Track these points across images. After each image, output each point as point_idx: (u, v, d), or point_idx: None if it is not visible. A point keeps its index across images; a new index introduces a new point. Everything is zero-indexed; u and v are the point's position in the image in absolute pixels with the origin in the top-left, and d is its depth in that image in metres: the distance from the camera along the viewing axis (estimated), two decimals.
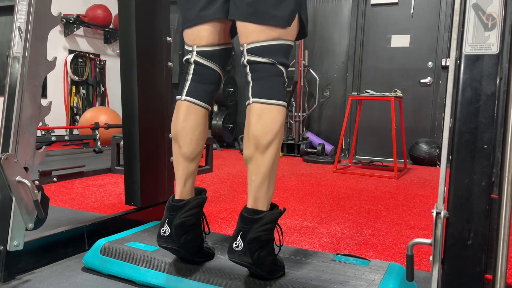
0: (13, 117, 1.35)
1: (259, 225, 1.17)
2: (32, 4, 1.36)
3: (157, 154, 1.99)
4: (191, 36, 1.33)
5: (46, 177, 2.99)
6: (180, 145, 1.32)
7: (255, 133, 1.19)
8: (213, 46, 1.33)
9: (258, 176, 1.20)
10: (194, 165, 1.34)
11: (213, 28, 1.31)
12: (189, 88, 1.33)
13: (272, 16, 1.20)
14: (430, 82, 5.02)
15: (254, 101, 1.21)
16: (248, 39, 1.23)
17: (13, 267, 1.40)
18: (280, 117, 1.21)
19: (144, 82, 1.90)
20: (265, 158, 1.20)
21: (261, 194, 1.20)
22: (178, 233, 1.26)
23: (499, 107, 0.97)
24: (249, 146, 1.20)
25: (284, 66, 1.24)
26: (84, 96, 5.89)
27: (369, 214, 2.45)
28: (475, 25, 0.98)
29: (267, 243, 1.19)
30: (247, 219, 1.18)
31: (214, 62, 1.34)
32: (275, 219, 1.21)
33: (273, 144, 1.20)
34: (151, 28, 1.92)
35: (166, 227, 1.27)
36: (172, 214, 1.27)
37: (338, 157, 4.07)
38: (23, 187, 1.36)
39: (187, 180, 1.33)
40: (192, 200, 1.31)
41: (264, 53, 1.21)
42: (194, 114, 1.32)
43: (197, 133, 1.32)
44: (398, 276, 1.29)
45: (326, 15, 5.50)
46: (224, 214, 2.33)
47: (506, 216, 0.98)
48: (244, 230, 1.17)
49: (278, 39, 1.22)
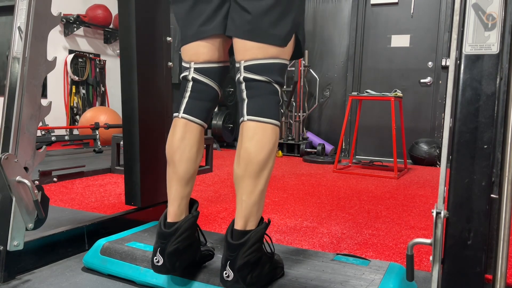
0: (13, 117, 1.35)
1: (246, 249, 1.14)
2: (32, 4, 1.36)
3: (157, 154, 1.99)
4: (190, 52, 1.31)
5: (46, 177, 2.99)
6: (176, 163, 1.28)
7: (248, 151, 1.17)
8: (211, 63, 1.31)
9: (251, 196, 1.17)
10: (189, 188, 1.30)
11: (212, 45, 1.29)
12: (186, 106, 1.31)
13: (270, 34, 1.19)
14: (430, 82, 5.02)
15: (249, 119, 1.20)
16: (245, 56, 1.22)
17: (13, 267, 1.40)
18: (274, 136, 1.20)
19: (144, 82, 1.90)
20: (259, 179, 1.17)
21: (252, 214, 1.18)
22: (172, 260, 1.23)
23: (499, 107, 0.97)
24: (241, 164, 1.18)
25: (279, 85, 1.24)
26: (84, 96, 5.89)
27: (369, 214, 2.45)
28: (475, 25, 0.98)
29: (258, 261, 1.17)
30: (232, 246, 1.15)
31: (212, 79, 1.32)
32: (261, 237, 1.18)
33: (267, 164, 1.18)
34: (151, 28, 1.92)
35: (159, 257, 1.23)
36: (163, 242, 1.23)
37: (338, 157, 4.07)
38: (23, 187, 1.36)
39: (181, 202, 1.29)
40: (182, 223, 1.25)
41: (261, 71, 1.21)
42: (191, 132, 1.29)
43: (194, 151, 1.29)
44: (398, 276, 1.29)
45: (326, 15, 5.50)
46: (224, 214, 2.33)
47: (506, 216, 0.98)
48: (231, 258, 1.14)
49: (275, 57, 1.21)
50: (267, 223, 1.21)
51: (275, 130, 1.21)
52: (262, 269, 1.19)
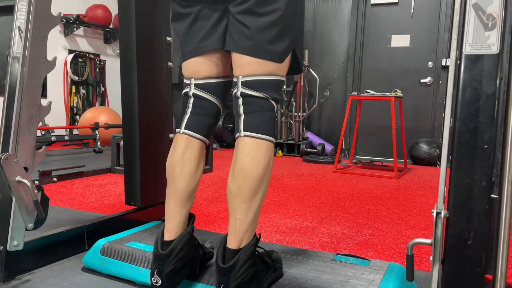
0: (13, 117, 1.35)
1: (236, 271, 1.12)
2: (32, 4, 1.36)
3: (157, 154, 1.99)
4: (189, 68, 1.32)
5: (46, 177, 2.99)
6: (175, 179, 1.27)
7: (244, 166, 1.16)
8: (212, 78, 1.31)
9: (247, 215, 1.16)
10: (188, 206, 1.29)
11: (211, 61, 1.29)
12: (188, 121, 1.31)
13: (269, 51, 1.19)
14: (430, 82, 5.02)
15: (246, 135, 1.20)
16: (243, 72, 1.22)
17: (13, 267, 1.40)
18: (269, 152, 1.20)
19: (144, 82, 1.90)
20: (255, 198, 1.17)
21: (248, 232, 1.16)
22: (171, 280, 1.22)
23: (499, 107, 0.97)
24: (236, 179, 1.17)
25: (276, 101, 1.24)
26: (84, 96, 5.89)
27: (369, 214, 2.45)
28: (475, 25, 0.98)
29: (252, 278, 1.16)
30: (222, 270, 1.13)
31: (213, 94, 1.32)
32: (251, 254, 1.16)
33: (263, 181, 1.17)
34: (151, 28, 1.92)
35: (157, 278, 1.22)
36: (160, 264, 1.22)
37: (338, 157, 4.07)
38: (23, 187, 1.36)
39: (180, 221, 1.27)
40: (177, 243, 1.23)
41: (259, 88, 1.21)
42: (192, 147, 1.29)
43: (194, 166, 1.29)
44: (398, 276, 1.29)
45: (326, 15, 5.50)
46: (224, 214, 2.33)
47: (506, 216, 0.98)
48: (224, 282, 1.13)
49: (272, 74, 1.22)
50: (257, 238, 1.20)
51: (270, 146, 1.21)
52: (259, 281, 1.18)
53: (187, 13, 1.27)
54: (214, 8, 1.24)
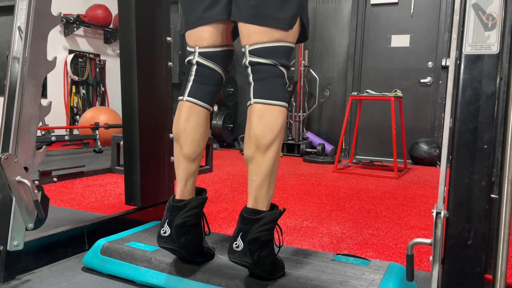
0: (13, 117, 1.35)
1: (259, 225, 1.17)
2: (32, 4, 1.36)
3: (157, 154, 1.99)
4: (193, 37, 1.34)
5: (46, 177, 2.99)
6: (181, 145, 1.32)
7: (256, 133, 1.20)
8: (215, 47, 1.34)
9: (258, 176, 1.20)
10: (195, 165, 1.34)
11: (216, 30, 1.32)
12: (191, 89, 1.34)
13: (275, 18, 1.20)
14: (430, 82, 5.02)
15: (256, 102, 1.22)
16: (250, 41, 1.23)
17: (13, 267, 1.40)
18: (281, 118, 1.22)
19: (144, 82, 1.90)
20: (265, 158, 1.20)
21: (261, 194, 1.21)
22: (179, 234, 1.26)
23: (499, 107, 0.97)
24: (250, 146, 1.21)
25: (285, 67, 1.25)
26: (84, 96, 5.89)
27: (369, 214, 2.45)
28: (475, 25, 0.98)
29: (267, 243, 1.20)
30: (247, 219, 1.19)
31: (216, 63, 1.35)
32: (275, 219, 1.21)
33: (274, 144, 1.20)
34: (151, 28, 1.92)
35: (167, 228, 1.27)
36: (172, 214, 1.27)
37: (338, 157, 4.07)
38: (23, 187, 1.36)
39: (188, 180, 1.33)
40: (192, 200, 1.30)
41: (266, 55, 1.22)
42: (196, 115, 1.32)
43: (199, 134, 1.32)
44: (398, 276, 1.29)
45: (326, 15, 5.50)
46: (224, 214, 2.33)
47: (506, 216, 0.98)
48: (244, 231, 1.17)
49: (280, 41, 1.23)
50: (281, 210, 1.24)
51: (282, 111, 1.22)
52: (268, 254, 1.20)
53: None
54: None
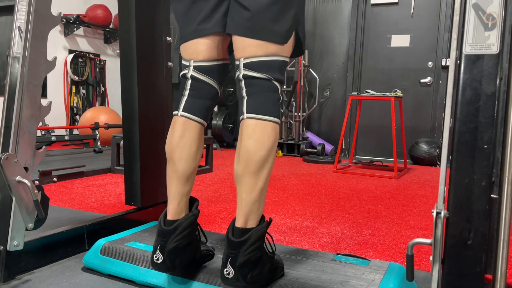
0: (13, 117, 1.35)
1: (247, 247, 1.14)
2: (32, 4, 1.36)
3: (157, 154, 1.99)
4: (189, 50, 1.31)
5: (46, 177, 2.99)
6: (175, 161, 1.28)
7: (248, 148, 1.16)
8: (211, 61, 1.31)
9: (250, 194, 1.17)
10: (189, 186, 1.30)
11: (211, 43, 1.29)
12: (185, 104, 1.31)
13: (270, 31, 1.18)
14: (430, 82, 5.02)
15: (249, 117, 1.19)
16: (245, 54, 1.21)
17: (13, 267, 1.40)
18: (273, 134, 1.19)
19: (144, 82, 1.90)
20: (258, 176, 1.17)
21: (253, 212, 1.17)
22: (172, 259, 1.22)
23: (499, 107, 0.97)
24: (241, 162, 1.17)
25: (279, 82, 1.23)
26: (84, 96, 5.89)
27: (369, 214, 2.45)
28: (475, 25, 0.98)
29: (258, 260, 1.16)
30: (233, 243, 1.15)
31: (211, 77, 1.32)
32: (262, 235, 1.18)
33: (267, 162, 1.17)
34: (151, 28, 1.92)
35: (159, 254, 1.23)
36: (163, 239, 1.23)
37: (338, 157, 4.07)
38: (23, 187, 1.36)
39: (181, 200, 1.28)
40: (182, 221, 1.25)
41: (261, 69, 1.20)
42: (190, 130, 1.29)
43: (193, 149, 1.29)
44: (398, 276, 1.29)
45: (326, 15, 5.50)
46: (224, 214, 2.33)
47: (506, 216, 0.98)
48: (232, 256, 1.14)
49: (275, 55, 1.21)
50: (268, 221, 1.21)
51: (275, 127, 1.20)
52: (262, 268, 1.18)
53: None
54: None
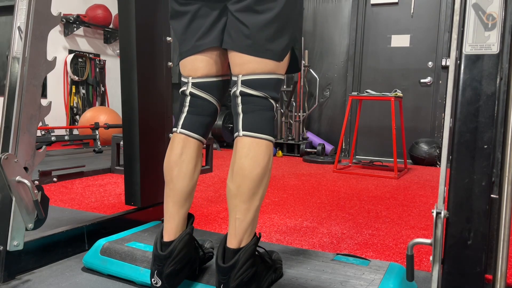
0: (13, 117, 1.35)
1: (237, 270, 1.12)
2: (32, 4, 1.36)
3: (157, 154, 1.99)
4: (187, 67, 1.31)
5: (46, 177, 2.99)
6: (173, 179, 1.26)
7: (243, 166, 1.16)
8: (209, 77, 1.30)
9: (246, 215, 1.15)
10: (186, 207, 1.28)
11: (209, 59, 1.28)
12: (184, 121, 1.30)
13: (268, 49, 1.19)
14: (430, 82, 5.02)
15: (245, 135, 1.19)
16: (243, 70, 1.21)
17: (13, 267, 1.40)
18: (268, 152, 1.19)
19: (144, 82, 1.90)
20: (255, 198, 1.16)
21: (247, 232, 1.16)
22: (171, 281, 1.22)
23: (499, 107, 0.97)
24: (236, 179, 1.16)
25: (275, 100, 1.23)
26: (84, 96, 5.89)
27: (369, 214, 2.45)
28: (475, 25, 0.98)
29: (252, 278, 1.15)
30: (223, 269, 1.13)
31: (211, 94, 1.31)
32: (252, 253, 1.15)
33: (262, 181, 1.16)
34: (151, 28, 1.92)
35: (157, 279, 1.22)
36: (160, 265, 1.21)
37: (338, 157, 4.07)
38: (23, 187, 1.36)
39: (178, 221, 1.27)
40: (177, 244, 1.23)
41: (258, 87, 1.20)
42: (189, 147, 1.28)
43: (191, 166, 1.28)
44: (398, 276, 1.29)
45: (326, 15, 5.50)
46: (224, 214, 2.33)
47: (506, 216, 0.98)
48: (224, 281, 1.13)
49: (272, 73, 1.21)
50: (257, 237, 1.19)
51: (269, 146, 1.20)
52: (259, 281, 1.18)
53: (185, 11, 1.26)
54: (213, 6, 1.23)
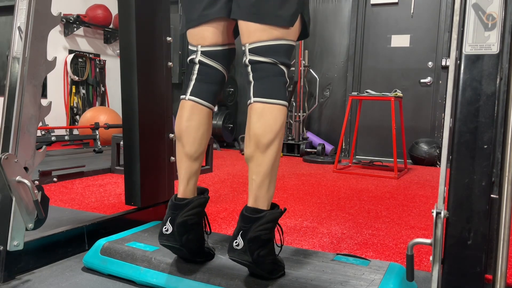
0: (13, 117, 1.35)
1: (259, 224, 1.17)
2: (32, 4, 1.36)
3: (157, 154, 1.99)
4: (195, 36, 1.34)
5: (46, 177, 2.99)
6: (184, 144, 1.32)
7: (256, 132, 1.20)
8: (217, 46, 1.34)
9: (258, 175, 1.20)
10: (197, 165, 1.35)
11: (217, 28, 1.32)
12: (193, 88, 1.34)
13: (275, 16, 1.20)
14: (430, 82, 5.02)
15: (256, 101, 1.22)
16: (250, 39, 1.23)
17: (13, 267, 1.40)
18: (281, 116, 1.21)
19: (144, 82, 1.90)
20: (265, 157, 1.20)
21: (262, 193, 1.21)
22: (180, 232, 1.26)
23: (499, 107, 0.97)
24: (250, 145, 1.21)
25: (285, 66, 1.25)
26: (84, 96, 5.89)
27: (369, 214, 2.45)
28: (475, 25, 0.98)
29: (267, 242, 1.19)
30: (247, 218, 1.19)
31: (218, 62, 1.35)
32: (275, 219, 1.21)
33: (273, 144, 1.20)
34: (151, 28, 1.92)
35: (169, 225, 1.27)
36: (174, 212, 1.28)
37: (338, 157, 4.07)
38: (23, 187, 1.36)
39: (190, 179, 1.33)
40: (194, 199, 1.31)
41: (266, 53, 1.22)
42: (198, 114, 1.32)
43: (201, 133, 1.32)
44: (398, 276, 1.29)
45: (326, 15, 5.50)
46: (224, 214, 2.33)
47: (506, 216, 0.98)
48: (244, 229, 1.18)
49: (280, 39, 1.22)
50: (282, 210, 1.24)
51: (282, 110, 1.22)
52: (268, 254, 1.20)
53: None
54: None
